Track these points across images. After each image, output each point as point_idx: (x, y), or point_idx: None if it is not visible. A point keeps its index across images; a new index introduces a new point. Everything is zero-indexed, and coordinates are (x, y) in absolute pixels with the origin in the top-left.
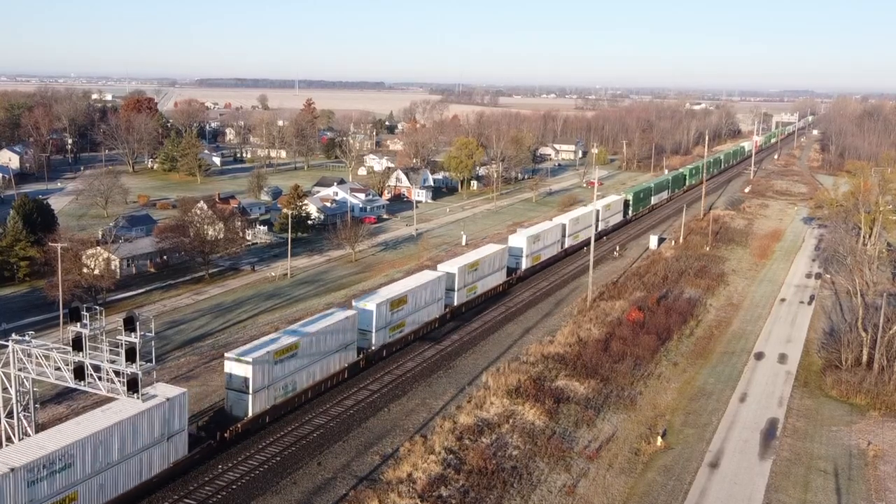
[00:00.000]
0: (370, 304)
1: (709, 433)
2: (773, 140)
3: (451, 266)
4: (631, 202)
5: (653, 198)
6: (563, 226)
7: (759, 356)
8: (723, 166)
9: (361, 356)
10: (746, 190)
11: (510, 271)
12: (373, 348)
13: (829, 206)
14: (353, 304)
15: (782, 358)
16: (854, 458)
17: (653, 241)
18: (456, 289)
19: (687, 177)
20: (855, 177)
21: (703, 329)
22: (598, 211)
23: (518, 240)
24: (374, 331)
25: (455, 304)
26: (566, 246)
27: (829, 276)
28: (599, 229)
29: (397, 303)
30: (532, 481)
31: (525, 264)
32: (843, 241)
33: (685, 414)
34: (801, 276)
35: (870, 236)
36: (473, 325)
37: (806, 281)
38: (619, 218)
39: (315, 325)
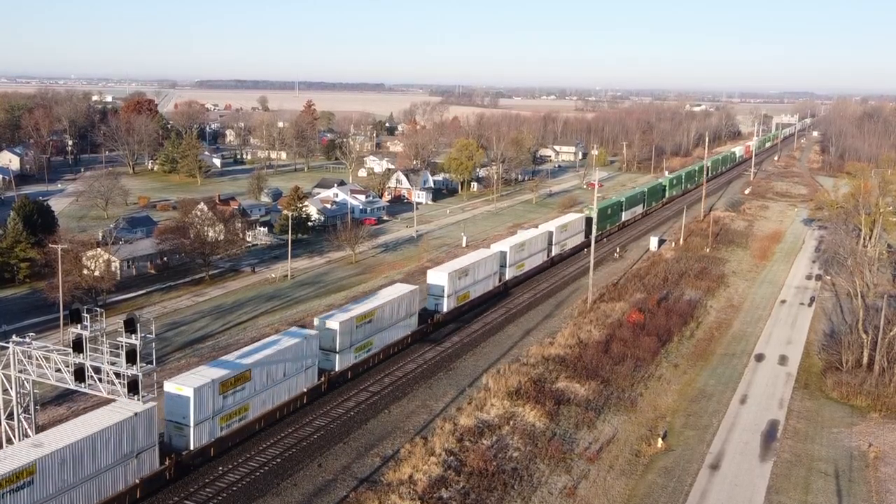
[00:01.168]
0: (333, 323)
1: (709, 435)
2: (767, 144)
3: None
4: (595, 220)
5: (623, 213)
6: (503, 254)
7: (760, 358)
8: (709, 175)
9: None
10: (746, 191)
11: (424, 318)
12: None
13: (829, 207)
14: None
15: (783, 359)
16: (855, 459)
17: (653, 242)
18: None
19: (667, 188)
20: (855, 178)
21: (703, 331)
22: (550, 233)
23: (438, 276)
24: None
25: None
26: (506, 278)
27: (829, 277)
28: (553, 254)
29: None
30: (532, 483)
31: (447, 306)
32: (843, 242)
33: (686, 415)
34: (802, 277)
35: (870, 238)
36: (473, 327)
37: (806, 282)
38: (578, 240)
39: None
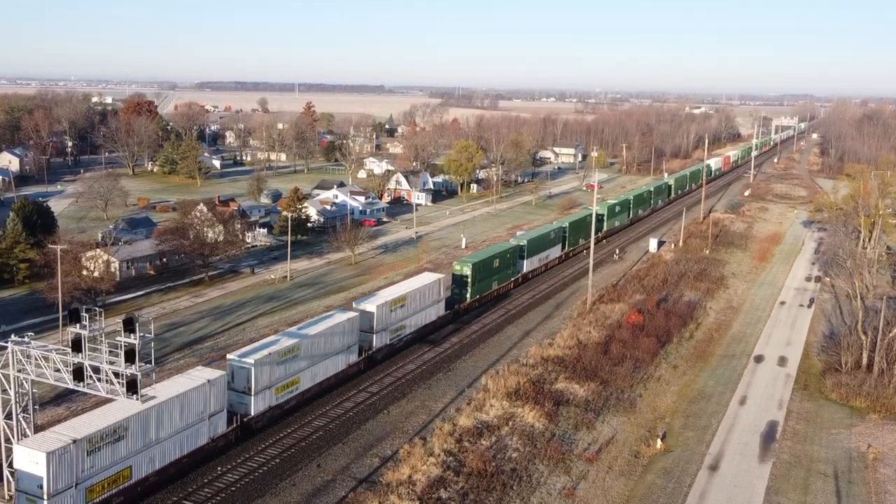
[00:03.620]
0: (248, 360)
1: (708, 436)
2: (755, 152)
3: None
4: (469, 276)
5: (525, 263)
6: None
7: (759, 359)
8: (677, 193)
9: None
10: (746, 193)
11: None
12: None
13: (828, 209)
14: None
15: (782, 361)
16: (854, 460)
17: (652, 244)
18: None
19: (606, 217)
20: (854, 180)
21: (702, 332)
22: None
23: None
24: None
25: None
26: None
27: (828, 279)
28: (371, 350)
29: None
30: (532, 483)
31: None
32: (842, 244)
33: (685, 416)
34: (801, 279)
35: (869, 240)
36: (473, 328)
37: (805, 284)
38: (434, 315)
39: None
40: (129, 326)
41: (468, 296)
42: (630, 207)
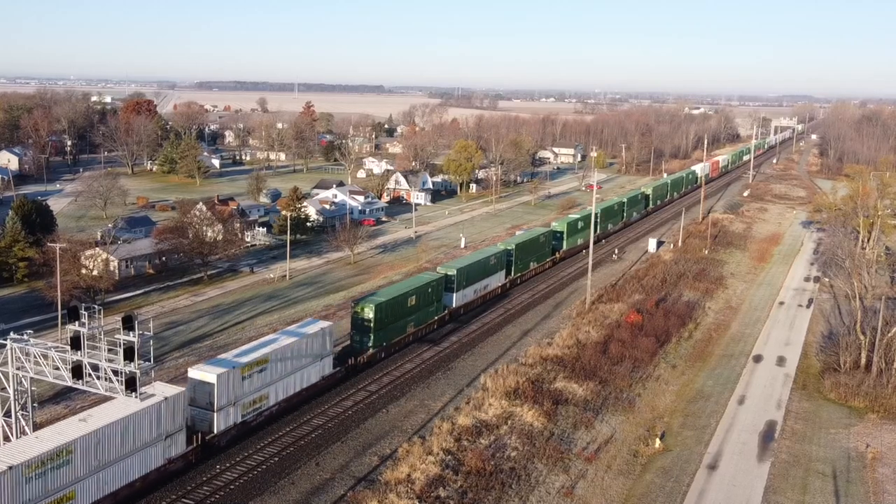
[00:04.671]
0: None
1: (707, 435)
2: (745, 157)
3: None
4: (372, 320)
5: (455, 297)
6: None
7: (758, 359)
8: (655, 203)
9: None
10: (745, 194)
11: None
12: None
13: (827, 210)
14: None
15: (781, 361)
16: (852, 460)
17: (651, 244)
18: None
19: (566, 234)
20: (853, 181)
21: (701, 332)
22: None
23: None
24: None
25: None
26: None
27: (827, 279)
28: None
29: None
30: (530, 483)
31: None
32: (841, 244)
33: (684, 416)
34: (800, 279)
35: (868, 240)
36: (472, 327)
37: (804, 284)
38: (316, 376)
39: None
40: (128, 324)
41: (370, 344)
42: (597, 222)
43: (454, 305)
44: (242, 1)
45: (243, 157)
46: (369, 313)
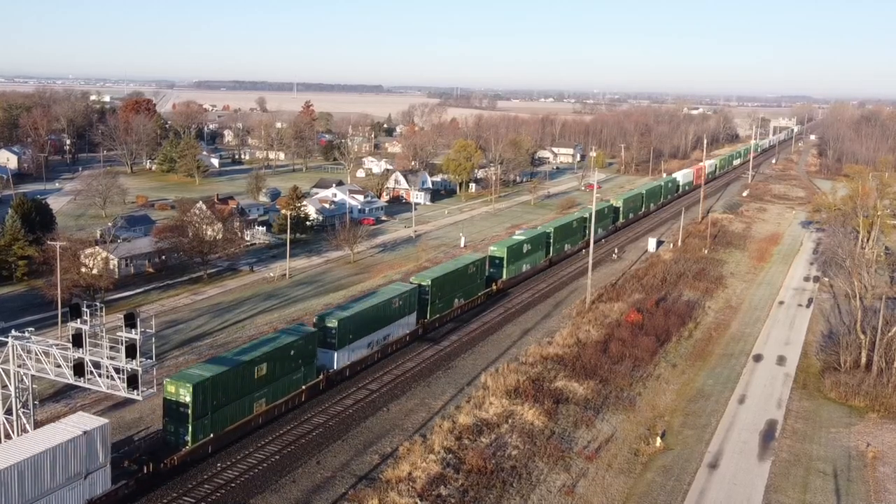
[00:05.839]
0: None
1: (708, 434)
2: (736, 161)
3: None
4: (190, 403)
5: (336, 356)
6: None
7: (758, 358)
8: (627, 217)
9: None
10: (745, 194)
11: None
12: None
13: (827, 210)
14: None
15: (781, 360)
16: (853, 459)
17: (651, 243)
18: None
19: (506, 262)
20: (853, 181)
21: (701, 331)
22: None
23: None
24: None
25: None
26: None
27: (827, 279)
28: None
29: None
30: (531, 481)
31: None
32: (841, 244)
33: (684, 415)
34: (800, 279)
35: (868, 240)
36: (472, 326)
37: (804, 284)
38: None
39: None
40: (129, 322)
41: (189, 438)
42: (550, 243)
43: (336, 367)
44: (242, 1)
45: (242, 157)
46: (185, 397)
